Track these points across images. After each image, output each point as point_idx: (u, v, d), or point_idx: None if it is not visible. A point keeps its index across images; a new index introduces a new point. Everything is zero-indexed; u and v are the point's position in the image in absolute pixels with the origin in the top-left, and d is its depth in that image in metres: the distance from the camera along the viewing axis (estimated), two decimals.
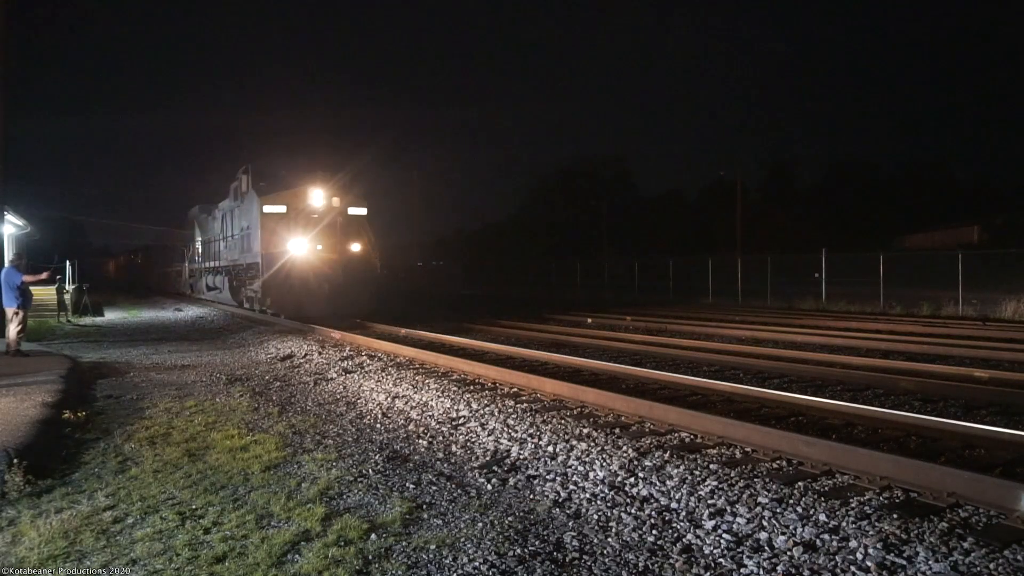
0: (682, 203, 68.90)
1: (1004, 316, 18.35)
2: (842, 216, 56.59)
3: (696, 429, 6.23)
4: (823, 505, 4.42)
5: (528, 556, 3.89)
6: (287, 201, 18.54)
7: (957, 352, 11.30)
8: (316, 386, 9.48)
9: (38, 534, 4.20)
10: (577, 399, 7.63)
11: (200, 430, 6.89)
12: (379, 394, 8.64)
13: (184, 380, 10.17)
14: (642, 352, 11.84)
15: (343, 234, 18.81)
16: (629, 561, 3.83)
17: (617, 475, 5.17)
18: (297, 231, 18.38)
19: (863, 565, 3.65)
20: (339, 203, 18.87)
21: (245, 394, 8.88)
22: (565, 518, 4.49)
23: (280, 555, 3.90)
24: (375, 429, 6.99)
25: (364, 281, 19.16)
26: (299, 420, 7.35)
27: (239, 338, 16.13)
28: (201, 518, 4.48)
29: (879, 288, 22.78)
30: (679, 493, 4.76)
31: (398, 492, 4.99)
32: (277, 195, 18.69)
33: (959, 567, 3.58)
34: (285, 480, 5.28)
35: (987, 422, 6.42)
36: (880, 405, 7.32)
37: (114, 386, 9.73)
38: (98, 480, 5.34)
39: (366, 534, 4.19)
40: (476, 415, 7.23)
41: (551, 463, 5.57)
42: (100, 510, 4.64)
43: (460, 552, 3.95)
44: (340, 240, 18.76)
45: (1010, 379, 8.44)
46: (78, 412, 7.52)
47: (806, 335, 14.00)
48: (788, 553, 3.84)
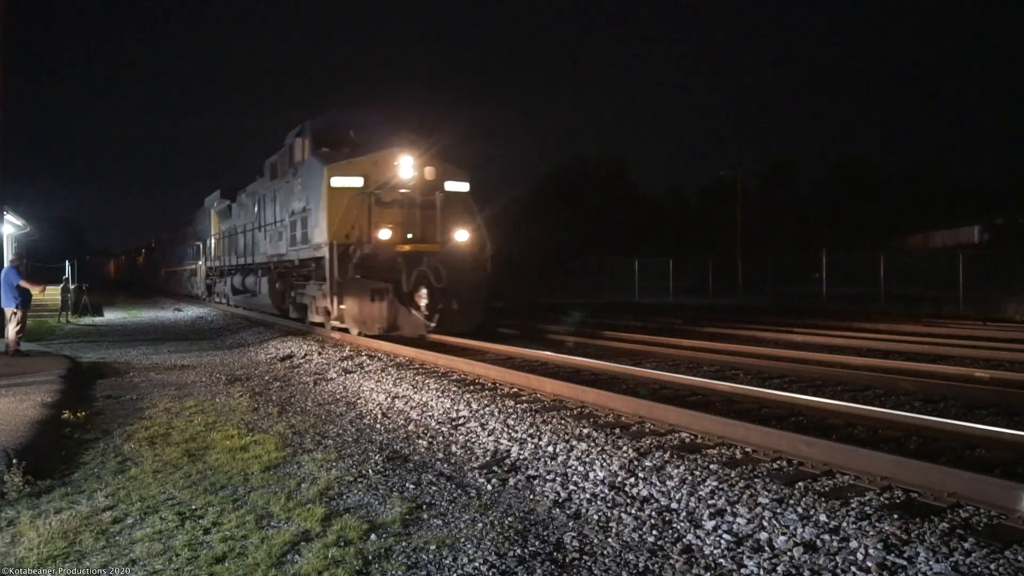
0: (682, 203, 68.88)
1: (1005, 316, 18.35)
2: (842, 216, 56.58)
3: (696, 429, 6.23)
4: (823, 505, 4.41)
5: (528, 556, 3.89)
6: (365, 171, 13.54)
7: (957, 352, 11.30)
8: (316, 386, 9.47)
9: (37, 534, 4.19)
10: (577, 399, 7.63)
11: (200, 430, 6.89)
12: (379, 394, 8.63)
13: (184, 380, 10.17)
14: (641, 352, 11.83)
15: (444, 218, 13.81)
16: (629, 561, 3.83)
17: (617, 475, 5.17)
18: (381, 213, 13.48)
19: (863, 565, 3.64)
20: (434, 175, 13.86)
21: (245, 394, 8.87)
22: (565, 518, 4.49)
23: (280, 555, 3.89)
24: (375, 429, 6.99)
25: (474, 284, 13.84)
26: (299, 420, 7.35)
27: (239, 338, 16.13)
28: (201, 518, 4.47)
29: (879, 288, 22.80)
30: (679, 493, 4.75)
31: (398, 492, 4.98)
32: (351, 163, 13.67)
33: (960, 567, 3.58)
34: (285, 480, 5.28)
35: (987, 422, 6.41)
36: (880, 405, 7.31)
37: (114, 386, 9.72)
38: (97, 480, 5.33)
39: (366, 534, 4.18)
40: (476, 415, 7.23)
41: (551, 463, 5.57)
42: (99, 510, 4.63)
43: (460, 552, 3.94)
44: (441, 226, 13.78)
45: (1011, 379, 8.44)
46: (77, 412, 7.52)
47: (805, 335, 13.99)
48: (788, 553, 3.84)
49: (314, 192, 14.17)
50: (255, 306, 20.41)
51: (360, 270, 13.07)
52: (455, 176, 14.32)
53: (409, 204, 13.64)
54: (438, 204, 13.74)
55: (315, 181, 14.09)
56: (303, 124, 15.55)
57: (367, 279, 13.02)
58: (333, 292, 13.21)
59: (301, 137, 15.48)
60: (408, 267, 13.10)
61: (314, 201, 14.19)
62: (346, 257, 13.12)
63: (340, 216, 13.29)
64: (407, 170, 13.37)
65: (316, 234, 14.07)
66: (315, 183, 14.09)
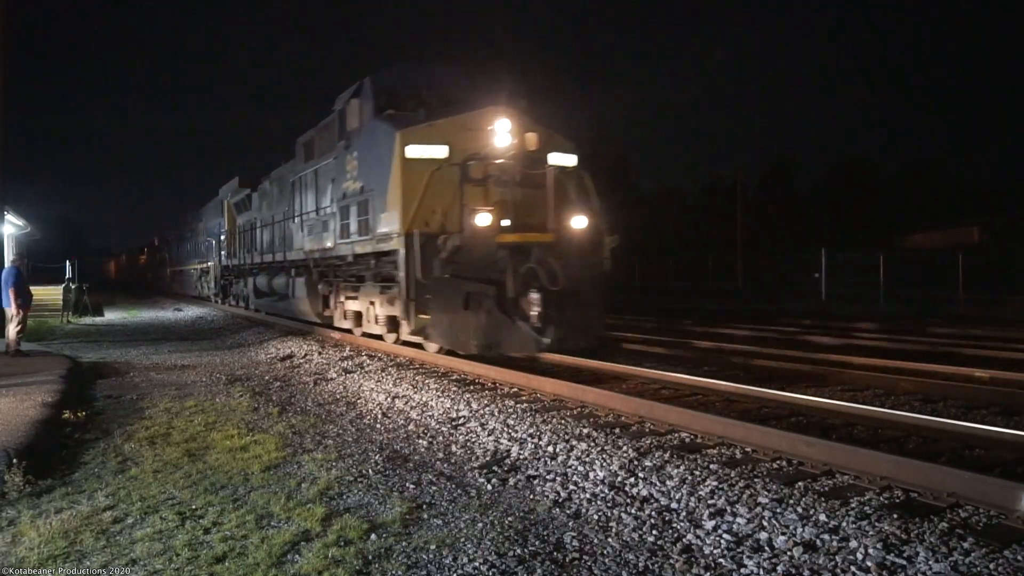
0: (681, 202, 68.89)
1: (1005, 316, 18.35)
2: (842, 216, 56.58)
3: (696, 429, 6.23)
4: (823, 505, 4.42)
5: (528, 556, 3.89)
6: (449, 137, 10.41)
7: (958, 352, 11.29)
8: (316, 386, 9.48)
9: (38, 534, 4.19)
10: (577, 399, 7.63)
11: (200, 430, 6.89)
12: (379, 394, 8.64)
13: (184, 380, 10.17)
14: (640, 352, 11.83)
15: (557, 200, 10.49)
16: (629, 561, 3.83)
17: (617, 475, 5.17)
18: (474, 193, 10.32)
19: (863, 565, 3.64)
20: (537, 144, 10.53)
21: (245, 394, 8.88)
22: (565, 518, 4.49)
23: (280, 555, 3.89)
24: (375, 429, 6.99)
25: (595, 285, 10.44)
26: (299, 420, 7.35)
27: (239, 338, 16.13)
28: (201, 518, 4.48)
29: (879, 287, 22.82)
30: (679, 493, 4.76)
31: (398, 492, 4.99)
32: (432, 127, 10.51)
33: (959, 567, 3.58)
34: (285, 480, 5.28)
35: (987, 422, 6.41)
36: (880, 405, 7.32)
37: (114, 386, 9.73)
38: (98, 480, 5.34)
39: (366, 534, 4.19)
40: (476, 415, 7.23)
41: (551, 463, 5.57)
42: (100, 510, 4.64)
43: (460, 552, 3.95)
44: (554, 210, 10.38)
45: (1010, 379, 8.44)
46: (78, 412, 7.52)
47: (805, 334, 13.99)
48: (788, 553, 3.84)
49: (379, 167, 11.03)
50: (285, 312, 17.22)
51: (449, 267, 9.80)
52: (562, 146, 11.02)
53: (509, 181, 10.28)
54: (549, 181, 10.32)
55: (382, 152, 10.94)
56: (360, 83, 12.23)
57: (459, 278, 9.67)
58: (409, 297, 10.12)
59: (358, 99, 12.12)
60: (514, 264, 9.64)
61: (379, 179, 11.03)
62: (431, 250, 9.90)
63: (420, 197, 10.07)
64: (504, 136, 10.12)
65: (382, 221, 10.94)
66: (381, 155, 10.95)
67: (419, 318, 10.19)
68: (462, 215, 10.15)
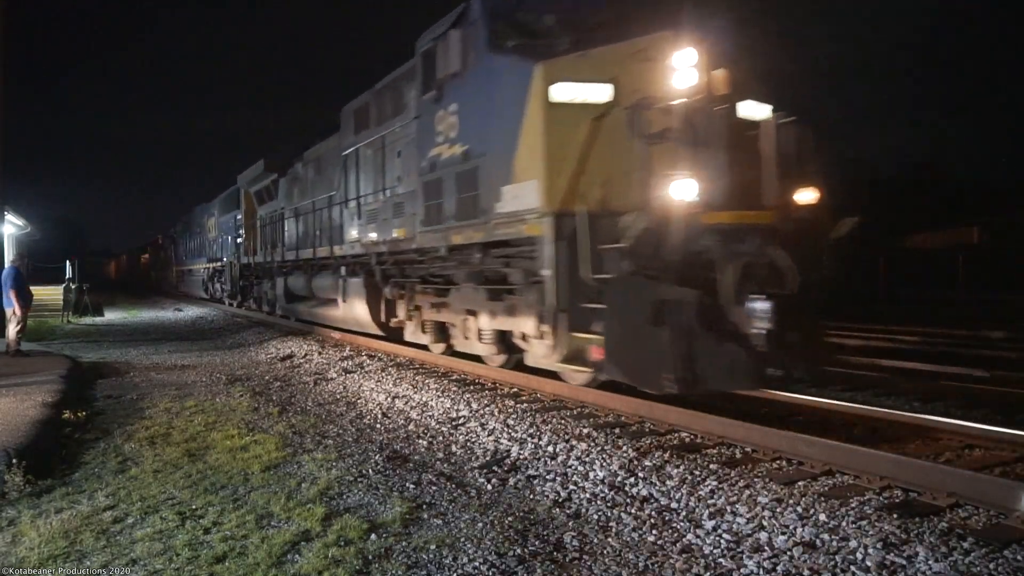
0: None
1: (1005, 316, 18.34)
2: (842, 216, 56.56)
3: (696, 429, 6.23)
4: (823, 505, 4.42)
5: (528, 556, 3.89)
6: (612, 73, 6.90)
7: (957, 351, 11.29)
8: (316, 386, 9.48)
9: (38, 534, 4.20)
10: (577, 399, 7.63)
11: (200, 430, 6.89)
12: (379, 394, 8.64)
13: (184, 380, 10.18)
14: None
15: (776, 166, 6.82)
16: (629, 561, 3.83)
17: (617, 475, 5.17)
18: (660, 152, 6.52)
19: (863, 565, 3.65)
20: (728, 86, 6.67)
21: (245, 394, 8.88)
22: (565, 518, 4.49)
23: (280, 555, 3.90)
24: (375, 429, 7.00)
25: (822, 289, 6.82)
26: (299, 420, 7.35)
27: (239, 338, 16.14)
28: (201, 518, 4.48)
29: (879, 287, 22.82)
30: (679, 493, 4.76)
31: (398, 492, 4.99)
32: (585, 58, 7.00)
33: (959, 567, 3.58)
34: (285, 480, 5.28)
35: (987, 422, 6.41)
36: (880, 405, 7.32)
37: (114, 386, 9.73)
38: (98, 480, 5.34)
39: (366, 534, 4.19)
40: (476, 415, 7.23)
41: (551, 463, 5.57)
42: (100, 510, 4.64)
43: (460, 552, 3.95)
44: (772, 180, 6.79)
45: (1010, 379, 8.44)
46: (78, 412, 7.53)
47: None
48: (788, 553, 3.84)
49: (500, 120, 7.59)
50: (330, 321, 14.20)
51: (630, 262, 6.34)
52: (758, 94, 7.35)
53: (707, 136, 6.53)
54: (766, 136, 6.86)
55: (506, 98, 7.50)
56: (463, 5, 8.59)
57: (646, 278, 6.24)
58: (559, 306, 6.83)
59: (460, 28, 8.43)
60: (726, 256, 6.41)
61: (499, 137, 7.60)
62: (602, 235, 6.50)
63: (574, 158, 6.78)
64: (688, 74, 6.58)
65: (506, 197, 7.51)
66: (505, 102, 7.50)
67: (573, 337, 6.88)
68: (647, 185, 6.48)
